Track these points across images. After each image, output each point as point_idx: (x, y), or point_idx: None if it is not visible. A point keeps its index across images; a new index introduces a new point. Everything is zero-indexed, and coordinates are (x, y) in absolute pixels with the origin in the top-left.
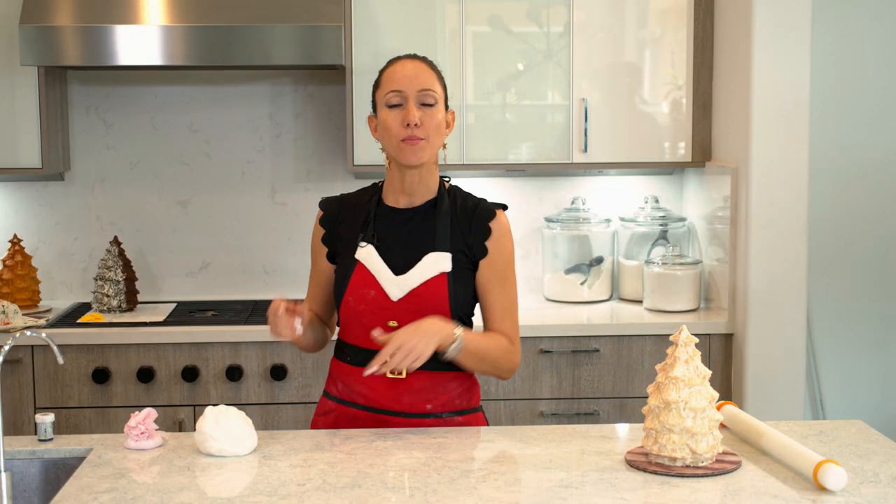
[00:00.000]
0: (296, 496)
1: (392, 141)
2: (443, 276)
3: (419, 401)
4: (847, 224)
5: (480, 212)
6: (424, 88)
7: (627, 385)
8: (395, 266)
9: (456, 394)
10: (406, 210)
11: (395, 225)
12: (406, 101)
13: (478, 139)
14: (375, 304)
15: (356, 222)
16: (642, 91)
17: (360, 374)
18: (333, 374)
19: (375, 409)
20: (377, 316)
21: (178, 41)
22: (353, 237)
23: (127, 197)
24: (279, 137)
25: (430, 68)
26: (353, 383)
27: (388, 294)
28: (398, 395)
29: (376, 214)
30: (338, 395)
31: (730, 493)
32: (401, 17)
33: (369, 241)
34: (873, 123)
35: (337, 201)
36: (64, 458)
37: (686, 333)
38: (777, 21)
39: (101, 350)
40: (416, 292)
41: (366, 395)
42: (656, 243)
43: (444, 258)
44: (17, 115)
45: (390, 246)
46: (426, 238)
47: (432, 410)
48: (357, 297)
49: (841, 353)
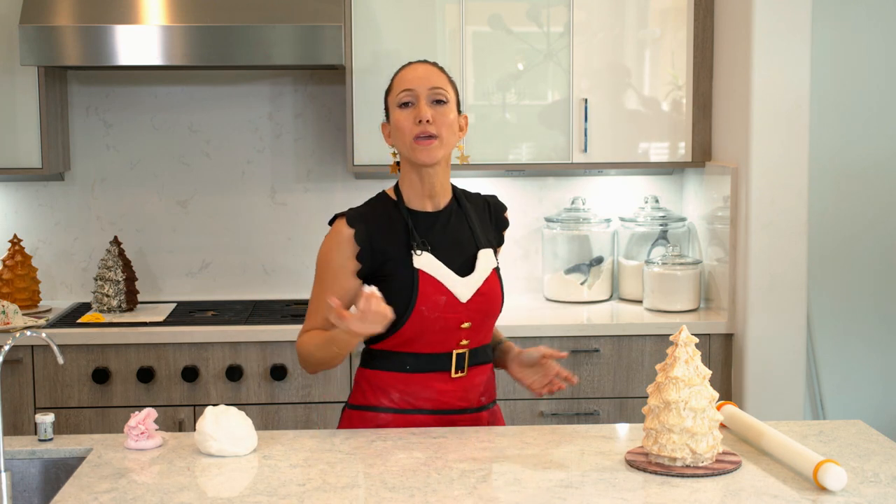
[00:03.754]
0: (296, 496)
1: (406, 140)
2: (494, 271)
3: (477, 395)
4: (847, 224)
5: (496, 205)
6: (435, 86)
7: (627, 385)
8: (455, 268)
9: (493, 384)
10: (437, 213)
11: (435, 228)
12: (417, 100)
13: (478, 139)
14: (448, 308)
15: (393, 233)
16: (642, 91)
17: (424, 379)
18: (385, 385)
19: (443, 410)
20: (449, 321)
21: (178, 41)
22: (398, 248)
23: (127, 197)
24: (279, 137)
25: (441, 71)
26: (417, 390)
27: (457, 297)
28: (465, 392)
29: (416, 221)
30: (394, 405)
31: (730, 493)
32: (401, 17)
33: (423, 249)
34: (873, 123)
35: (362, 215)
36: (64, 458)
37: (686, 333)
38: (777, 21)
39: (101, 350)
40: (481, 291)
41: (435, 399)
42: (656, 243)
43: (490, 254)
44: (17, 115)
45: (440, 250)
46: (468, 237)
47: (485, 402)
48: (430, 305)
49: (841, 353)
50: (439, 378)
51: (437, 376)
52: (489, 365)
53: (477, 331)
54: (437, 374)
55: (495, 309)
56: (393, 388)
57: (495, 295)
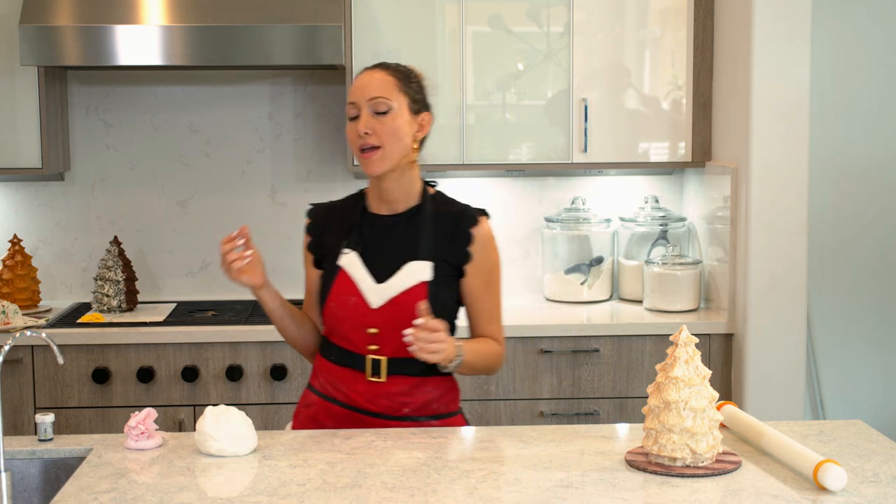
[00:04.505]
0: (296, 496)
1: (355, 153)
2: (423, 284)
3: (396, 404)
4: (847, 224)
5: (463, 218)
6: (374, 97)
7: (627, 385)
8: (376, 274)
9: (433, 397)
10: (388, 217)
11: (379, 232)
12: (360, 111)
13: (478, 139)
14: (356, 310)
15: (341, 229)
16: (642, 91)
17: (343, 373)
18: (317, 369)
19: (353, 408)
20: (357, 322)
21: (178, 41)
22: (337, 244)
23: (127, 197)
24: (279, 137)
25: (389, 75)
26: (335, 381)
27: (367, 302)
28: (375, 397)
29: (361, 222)
30: (320, 389)
31: (730, 493)
32: (401, 17)
33: (353, 249)
34: (872, 123)
35: (324, 209)
36: (64, 458)
37: (686, 333)
38: (777, 21)
39: (101, 350)
40: (396, 301)
41: (346, 394)
42: (656, 243)
43: (424, 267)
44: (17, 115)
45: (373, 253)
46: (408, 246)
47: (409, 414)
48: (339, 304)
49: (841, 353)
50: (355, 377)
51: (353, 374)
52: (419, 378)
53: (390, 339)
54: (354, 372)
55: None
56: (321, 372)
57: (415, 307)
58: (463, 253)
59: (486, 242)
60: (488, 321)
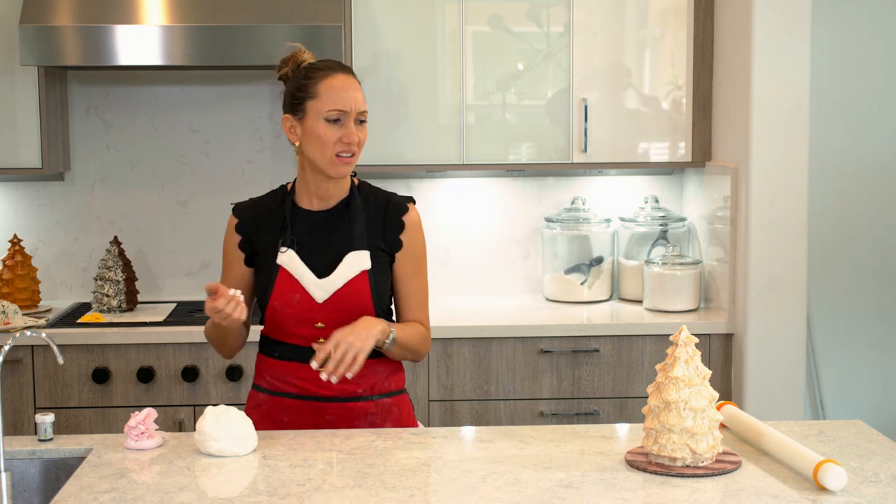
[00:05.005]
0: (296, 496)
1: (326, 154)
2: (364, 274)
3: (350, 385)
4: (847, 224)
5: (393, 207)
6: (362, 110)
7: (627, 385)
8: (316, 269)
9: (383, 377)
10: (321, 212)
11: (313, 227)
12: (346, 119)
13: (478, 139)
14: (301, 306)
15: (273, 227)
16: (642, 91)
17: (290, 367)
18: (260, 368)
19: (308, 396)
20: (303, 318)
21: (178, 41)
22: (271, 242)
23: (127, 197)
24: (279, 137)
25: (359, 84)
26: (284, 376)
27: (313, 297)
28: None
29: (292, 218)
30: (268, 387)
31: (730, 493)
32: (401, 17)
33: (289, 246)
34: (873, 123)
35: (250, 206)
36: (64, 458)
37: (686, 333)
38: (777, 21)
39: (101, 350)
40: (340, 293)
41: (298, 385)
42: (656, 243)
43: (363, 256)
44: (17, 115)
45: (310, 249)
46: (344, 238)
47: (364, 394)
48: (283, 302)
49: (841, 353)
50: (304, 367)
51: (301, 365)
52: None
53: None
54: (302, 364)
55: (360, 310)
56: (266, 371)
57: (360, 297)
58: (395, 240)
59: (416, 229)
60: (416, 306)
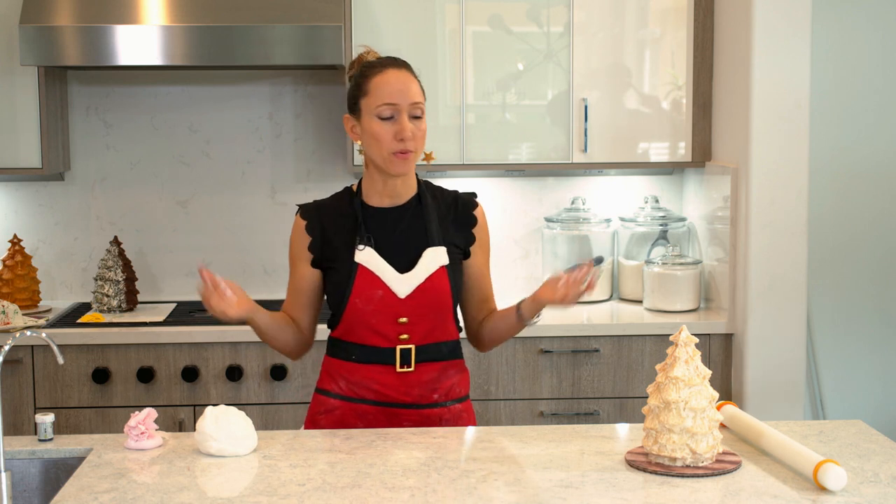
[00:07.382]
0: (296, 496)
1: (382, 152)
2: (442, 269)
3: (427, 391)
4: (847, 224)
5: (463, 203)
6: (415, 102)
7: (627, 385)
8: (396, 265)
9: (455, 381)
10: (393, 209)
11: (386, 225)
12: (399, 115)
13: (478, 139)
14: (383, 303)
15: (343, 227)
16: (642, 91)
17: (368, 370)
18: (333, 372)
19: (386, 402)
20: (385, 314)
21: (178, 41)
22: (344, 241)
23: (127, 197)
24: (279, 137)
25: (414, 77)
26: (361, 380)
27: (395, 292)
28: (408, 387)
29: (364, 217)
30: (341, 392)
31: (730, 493)
32: (401, 17)
33: (367, 244)
34: (873, 123)
35: (315, 208)
36: (64, 458)
37: (686, 333)
38: (777, 21)
39: (101, 350)
40: (422, 288)
41: (376, 391)
42: (656, 243)
43: (440, 252)
44: (17, 115)
45: (386, 246)
46: (419, 234)
47: (438, 400)
48: (364, 299)
49: (841, 353)
50: (384, 371)
51: (381, 369)
52: (443, 363)
53: (418, 326)
54: (382, 367)
55: (441, 305)
56: (340, 375)
57: (440, 292)
58: (469, 235)
59: (485, 223)
60: (494, 297)
